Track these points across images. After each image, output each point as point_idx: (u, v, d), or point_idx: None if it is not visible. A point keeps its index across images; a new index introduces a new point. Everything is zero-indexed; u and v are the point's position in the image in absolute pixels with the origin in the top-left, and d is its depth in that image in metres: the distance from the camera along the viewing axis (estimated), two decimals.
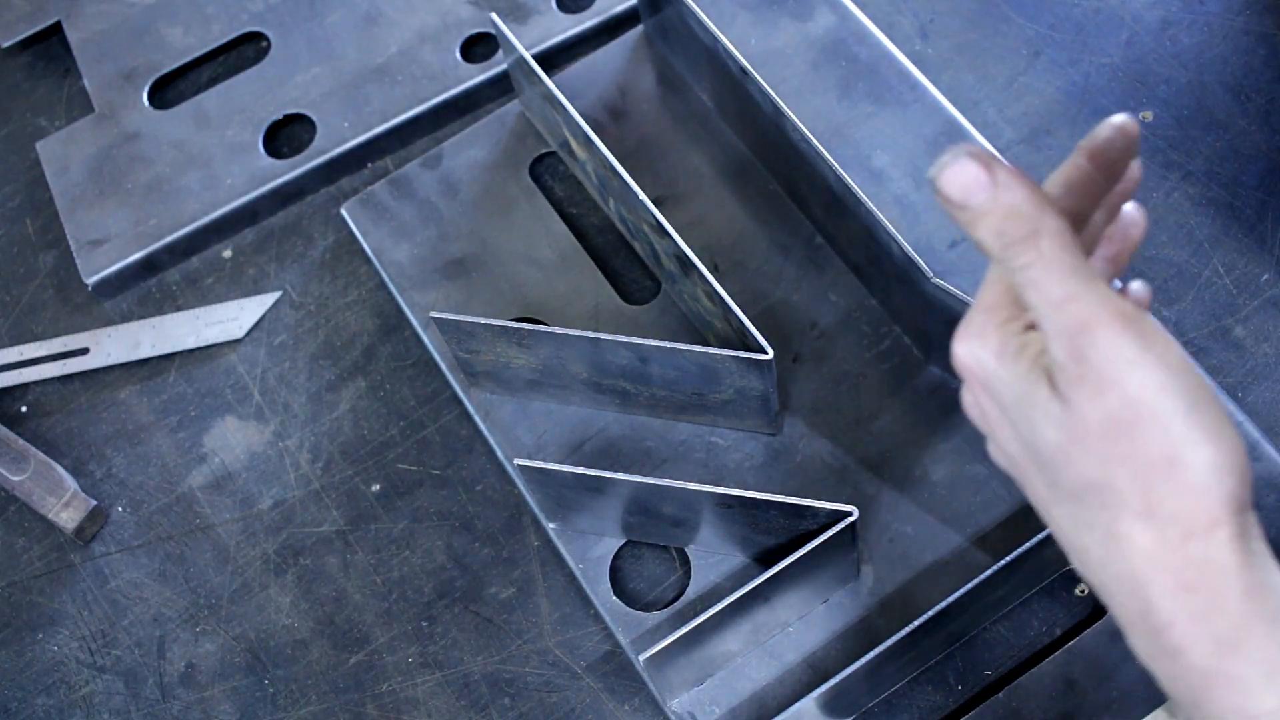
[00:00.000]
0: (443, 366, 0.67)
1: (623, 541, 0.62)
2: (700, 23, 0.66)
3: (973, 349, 0.39)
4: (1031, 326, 0.39)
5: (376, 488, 0.66)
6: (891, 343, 0.64)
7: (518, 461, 0.57)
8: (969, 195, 0.38)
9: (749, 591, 0.54)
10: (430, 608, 0.63)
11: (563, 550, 0.62)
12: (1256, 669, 0.35)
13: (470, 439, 0.66)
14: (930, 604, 0.53)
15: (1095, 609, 0.58)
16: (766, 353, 0.57)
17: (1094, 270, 0.37)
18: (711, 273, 0.63)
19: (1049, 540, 0.54)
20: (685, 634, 0.53)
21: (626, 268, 0.70)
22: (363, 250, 0.71)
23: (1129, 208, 0.48)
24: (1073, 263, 0.37)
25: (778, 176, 0.69)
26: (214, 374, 0.70)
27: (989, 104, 0.70)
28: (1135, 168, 0.46)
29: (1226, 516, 0.35)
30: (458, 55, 0.76)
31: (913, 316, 0.62)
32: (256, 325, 0.71)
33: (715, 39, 0.65)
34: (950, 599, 0.53)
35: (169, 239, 0.72)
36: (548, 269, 0.69)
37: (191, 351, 0.71)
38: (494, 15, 0.67)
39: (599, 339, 0.58)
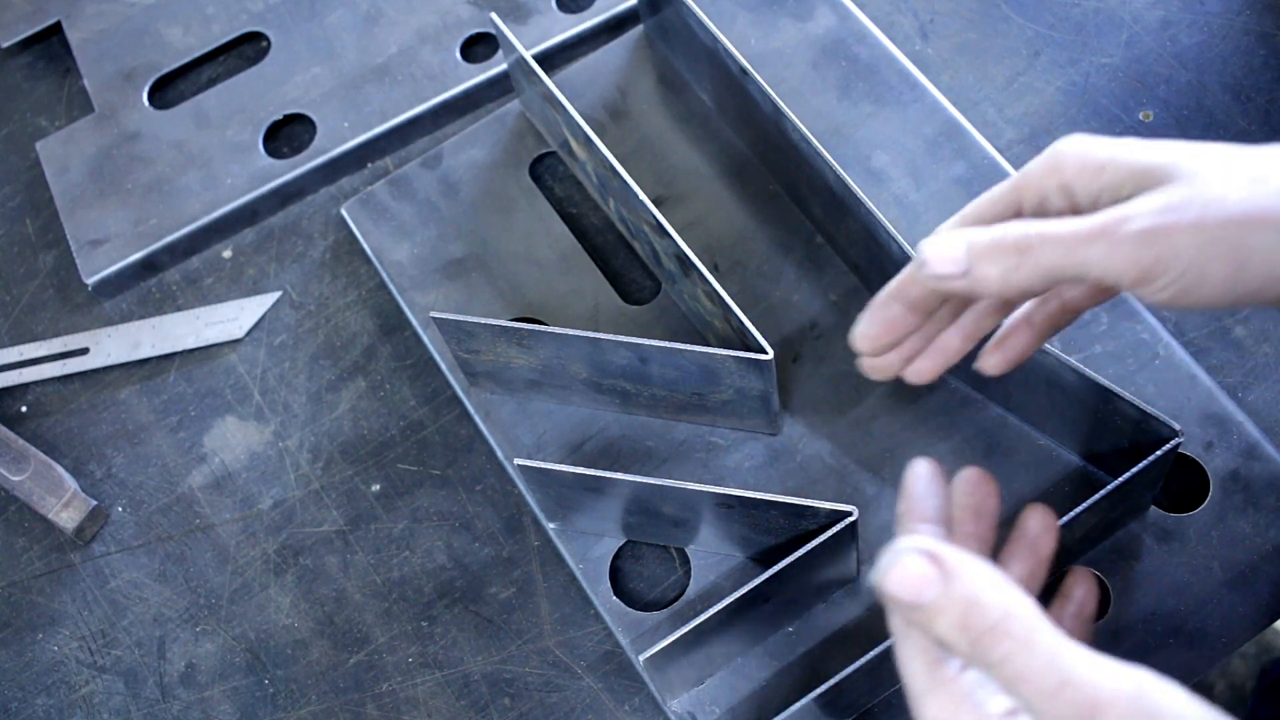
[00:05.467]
0: (443, 366, 0.67)
1: (623, 541, 0.62)
2: (700, 23, 0.66)
3: None
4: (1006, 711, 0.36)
5: (376, 488, 0.66)
6: None
7: (518, 461, 0.57)
8: (919, 594, 0.35)
9: (749, 591, 0.54)
10: (430, 608, 0.63)
11: (563, 550, 0.62)
12: None
13: (470, 439, 0.66)
14: None
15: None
16: (766, 353, 0.57)
17: (1071, 641, 0.35)
18: (711, 273, 0.63)
19: None
20: (685, 634, 0.53)
21: (626, 268, 0.70)
22: (363, 250, 0.71)
23: (1034, 517, 0.47)
24: (1053, 641, 0.34)
25: (778, 176, 0.69)
26: (214, 374, 0.70)
27: (989, 104, 0.70)
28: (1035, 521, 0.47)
29: None
30: (458, 55, 0.76)
31: None
32: (256, 325, 0.71)
33: (715, 39, 0.65)
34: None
35: (169, 239, 0.73)
36: (548, 269, 0.69)
37: (191, 351, 0.71)
38: (494, 15, 0.67)
39: (599, 339, 0.58)
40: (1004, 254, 0.40)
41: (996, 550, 0.48)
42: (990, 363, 0.49)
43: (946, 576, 0.35)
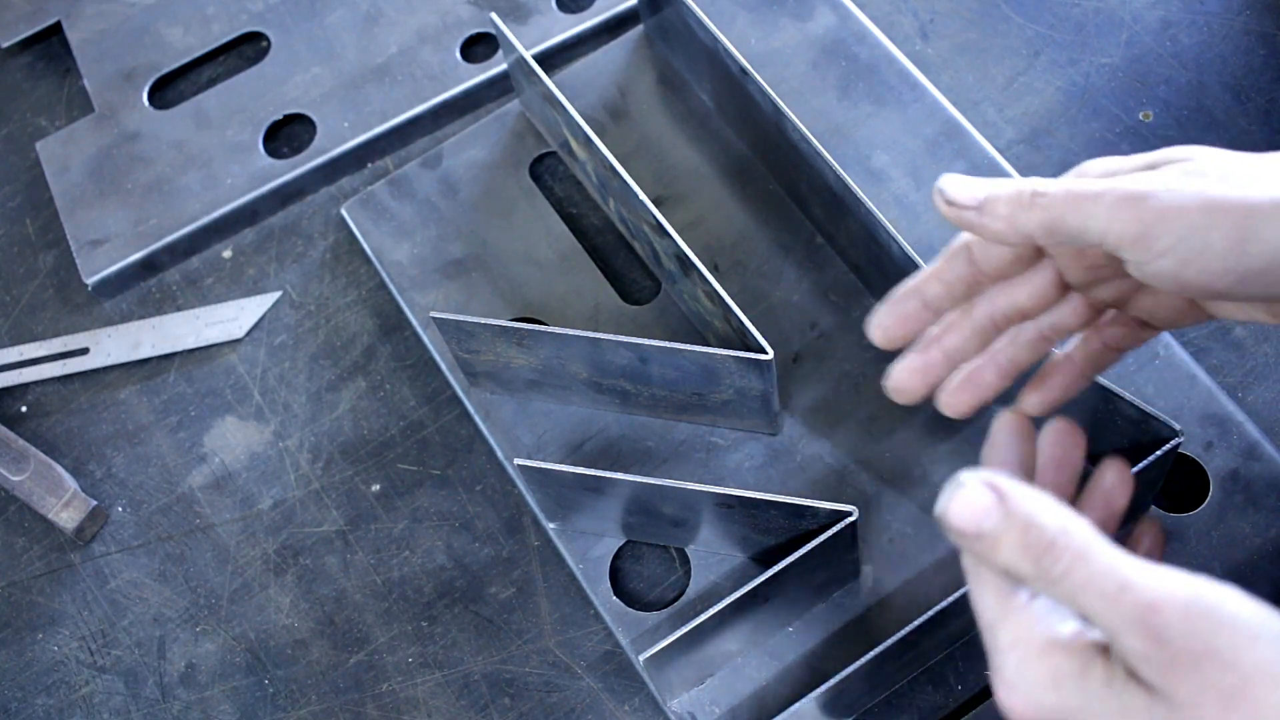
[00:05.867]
0: (443, 366, 0.67)
1: (623, 541, 0.62)
2: (700, 23, 0.66)
3: (1029, 694, 0.37)
4: (1066, 637, 0.37)
5: (376, 488, 0.66)
6: None
7: (518, 461, 0.57)
8: (980, 523, 0.37)
9: (749, 591, 0.54)
10: (430, 608, 0.63)
11: (563, 550, 0.62)
12: None
13: (470, 439, 0.66)
14: (930, 604, 0.53)
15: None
16: (766, 353, 0.57)
17: (1128, 554, 0.36)
18: (711, 273, 0.63)
19: None
20: (685, 634, 0.53)
21: (626, 268, 0.70)
22: (363, 250, 0.71)
23: (1111, 470, 0.48)
24: (1110, 552, 0.35)
25: (778, 176, 0.69)
26: (214, 374, 0.70)
27: (989, 104, 0.70)
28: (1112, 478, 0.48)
29: None
30: (458, 55, 0.76)
31: None
32: (256, 325, 0.71)
33: (715, 39, 0.65)
34: (950, 599, 0.53)
35: (169, 239, 0.73)
36: (548, 269, 0.69)
37: (191, 351, 0.71)
38: (494, 15, 0.67)
39: (599, 339, 0.58)
40: (1018, 198, 0.42)
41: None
42: (1031, 402, 0.49)
43: (1003, 502, 0.36)
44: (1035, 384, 0.49)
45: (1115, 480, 0.48)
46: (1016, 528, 0.36)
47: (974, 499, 0.37)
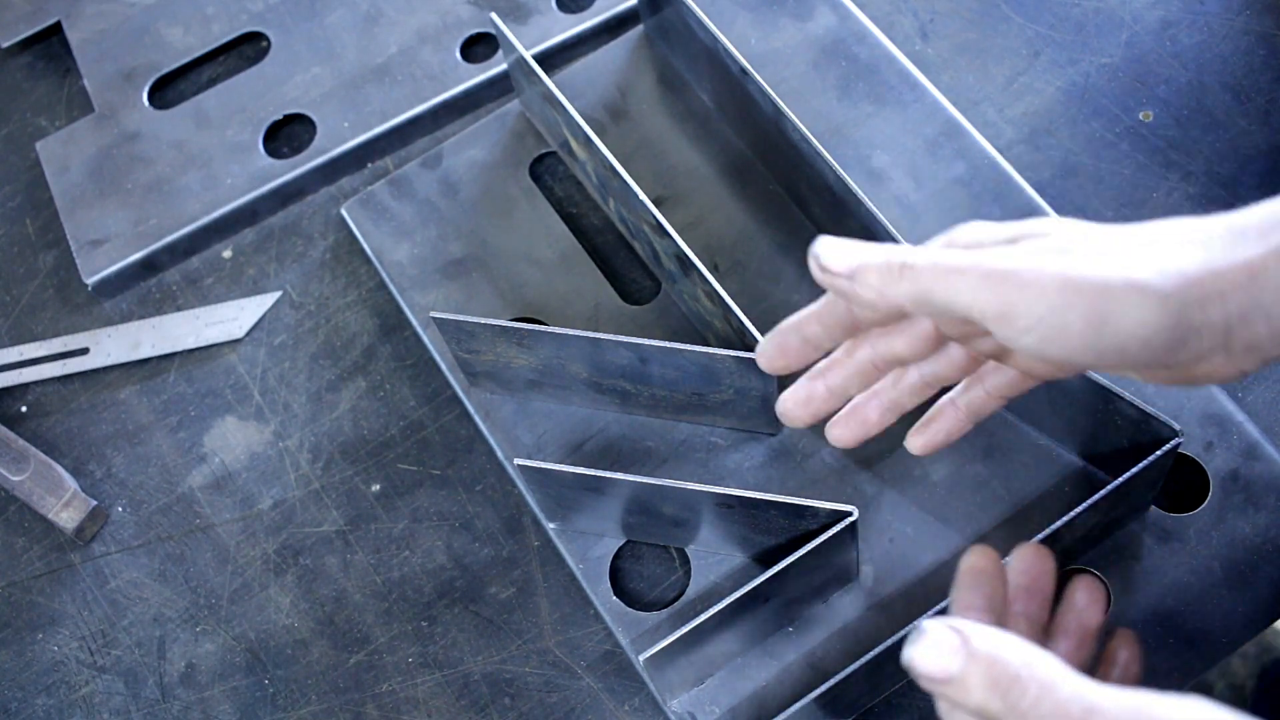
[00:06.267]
0: (443, 366, 0.67)
1: (623, 541, 0.62)
2: (700, 23, 0.66)
3: None
4: None
5: (376, 488, 0.66)
6: None
7: (518, 461, 0.57)
8: (947, 667, 0.37)
9: (749, 591, 0.54)
10: (430, 608, 0.63)
11: (563, 550, 0.62)
12: None
13: (470, 439, 0.66)
14: (930, 604, 0.53)
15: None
16: None
17: (1095, 682, 0.37)
18: (711, 273, 0.63)
19: (1047, 541, 0.54)
20: (685, 634, 0.53)
21: (626, 268, 0.70)
22: (363, 250, 0.71)
23: (1081, 590, 0.50)
24: (1077, 680, 0.37)
25: (778, 176, 0.69)
26: (214, 374, 0.70)
27: (989, 104, 0.70)
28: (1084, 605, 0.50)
29: None
30: (458, 55, 0.76)
31: None
32: (256, 325, 0.71)
33: (715, 39, 0.65)
34: (950, 599, 0.53)
35: (169, 239, 0.73)
36: (548, 269, 0.69)
37: (191, 351, 0.71)
38: (494, 15, 0.67)
39: (599, 339, 0.58)
40: (887, 269, 0.43)
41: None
42: (914, 443, 0.52)
43: (965, 643, 0.37)
44: (920, 427, 0.52)
45: (1086, 600, 0.51)
46: (981, 666, 0.37)
47: (938, 644, 0.38)
